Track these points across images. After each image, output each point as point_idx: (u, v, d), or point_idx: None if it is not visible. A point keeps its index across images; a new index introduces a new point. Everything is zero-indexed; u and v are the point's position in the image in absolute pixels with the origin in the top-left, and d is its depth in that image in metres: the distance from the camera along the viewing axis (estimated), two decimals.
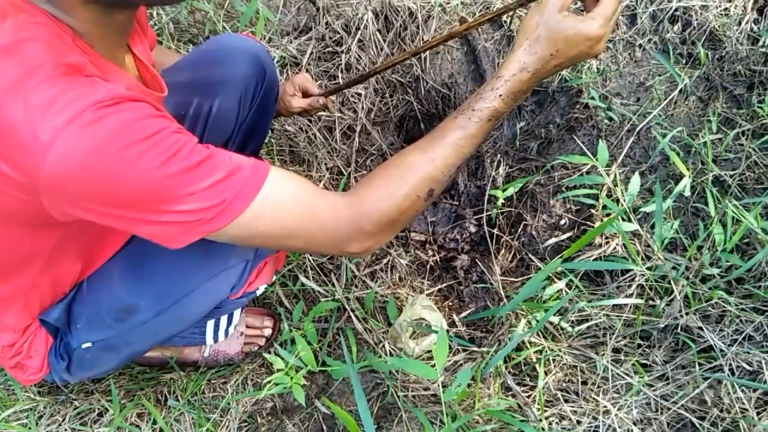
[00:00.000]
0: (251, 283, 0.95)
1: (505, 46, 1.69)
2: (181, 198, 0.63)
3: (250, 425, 1.16)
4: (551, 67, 0.74)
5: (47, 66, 0.58)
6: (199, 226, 0.66)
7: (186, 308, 0.90)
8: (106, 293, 0.88)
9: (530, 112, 1.67)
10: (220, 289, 0.91)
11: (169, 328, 0.95)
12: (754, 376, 1.08)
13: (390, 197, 0.73)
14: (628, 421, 1.07)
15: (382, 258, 1.45)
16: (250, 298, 1.01)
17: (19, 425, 1.14)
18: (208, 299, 0.92)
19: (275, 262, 0.99)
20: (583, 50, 0.73)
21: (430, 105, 1.81)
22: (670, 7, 1.55)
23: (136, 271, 0.87)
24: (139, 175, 0.61)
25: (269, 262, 0.96)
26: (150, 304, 0.88)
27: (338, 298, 1.31)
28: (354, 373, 0.82)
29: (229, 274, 0.89)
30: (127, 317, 0.88)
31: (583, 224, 1.36)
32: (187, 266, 0.86)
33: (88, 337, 0.90)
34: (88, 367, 0.95)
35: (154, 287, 0.87)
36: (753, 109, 1.40)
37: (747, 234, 1.23)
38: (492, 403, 1.10)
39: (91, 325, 0.90)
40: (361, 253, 0.77)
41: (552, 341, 1.20)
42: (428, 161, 0.74)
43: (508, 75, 0.73)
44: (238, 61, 1.07)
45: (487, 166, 1.65)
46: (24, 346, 0.91)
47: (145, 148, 0.61)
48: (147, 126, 0.62)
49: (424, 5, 1.71)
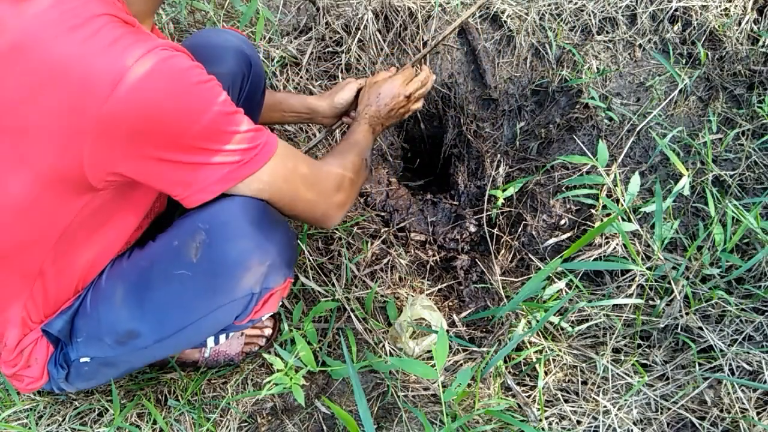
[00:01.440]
0: (257, 312, 0.93)
1: (505, 46, 1.69)
2: (229, 136, 0.73)
3: (250, 425, 1.16)
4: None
5: (105, 17, 0.65)
6: (238, 169, 0.75)
7: (188, 336, 0.90)
8: (107, 314, 0.87)
9: (530, 112, 1.67)
10: (223, 319, 0.89)
11: (170, 351, 0.95)
12: (754, 376, 1.08)
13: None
14: (628, 421, 1.07)
15: (382, 258, 1.45)
16: (254, 323, 1.00)
17: (19, 425, 1.14)
18: (210, 329, 0.91)
19: (282, 292, 0.96)
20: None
21: (430, 105, 1.81)
22: (670, 7, 1.55)
23: (139, 298, 0.86)
24: (202, 110, 0.69)
25: (276, 293, 0.93)
26: (151, 332, 0.87)
27: (338, 298, 1.31)
28: (354, 373, 0.82)
29: (233, 306, 0.87)
30: (127, 341, 0.87)
31: (583, 224, 1.36)
32: (193, 298, 0.85)
33: (87, 352, 0.90)
34: (85, 378, 0.95)
35: (156, 316, 0.86)
36: (753, 109, 1.40)
37: (747, 234, 1.23)
38: (492, 403, 1.10)
39: (90, 342, 0.89)
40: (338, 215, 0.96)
41: (552, 341, 1.20)
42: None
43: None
44: (223, 57, 1.07)
45: (487, 166, 1.65)
46: (23, 355, 0.90)
47: (204, 89, 0.70)
48: (200, 72, 0.71)
49: (424, 5, 1.71)
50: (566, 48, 1.60)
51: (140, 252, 0.89)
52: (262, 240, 0.83)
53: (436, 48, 1.73)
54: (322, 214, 0.93)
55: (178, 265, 0.82)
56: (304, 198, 0.88)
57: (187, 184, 0.74)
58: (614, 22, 1.60)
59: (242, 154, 0.75)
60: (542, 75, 1.64)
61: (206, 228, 0.81)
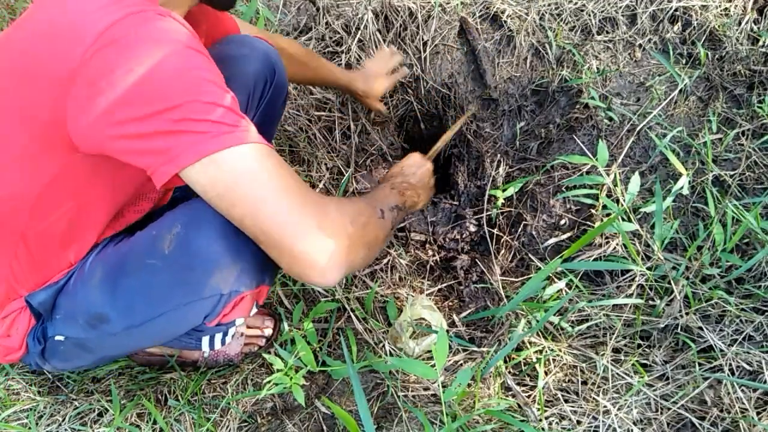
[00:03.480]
0: (226, 315, 0.91)
1: (505, 46, 1.69)
2: (211, 106, 0.68)
3: (250, 425, 1.16)
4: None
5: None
6: (209, 139, 0.68)
7: (156, 328, 0.88)
8: (83, 294, 0.87)
9: (530, 112, 1.67)
10: (191, 317, 0.88)
11: (140, 343, 0.94)
12: (754, 376, 1.08)
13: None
14: (628, 421, 1.07)
15: (382, 258, 1.45)
16: (228, 327, 0.99)
17: (19, 425, 1.14)
18: (179, 325, 0.90)
19: (255, 296, 0.93)
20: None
21: (430, 105, 1.81)
22: (670, 7, 1.55)
23: (112, 283, 0.86)
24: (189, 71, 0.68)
25: (247, 297, 0.89)
26: (120, 318, 0.86)
27: (338, 298, 1.31)
28: (354, 373, 0.82)
29: (202, 305, 0.85)
30: (97, 324, 0.87)
31: (583, 224, 1.36)
32: (161, 289, 0.84)
33: (63, 331, 0.89)
34: (61, 358, 0.94)
35: (125, 303, 0.85)
36: (753, 109, 1.40)
37: (747, 234, 1.23)
38: (492, 403, 1.10)
39: (66, 321, 0.89)
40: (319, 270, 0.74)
41: (552, 341, 1.20)
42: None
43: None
44: (250, 58, 1.08)
45: (487, 166, 1.65)
46: (5, 323, 0.90)
47: (194, 54, 0.69)
48: (196, 41, 0.71)
49: (424, 5, 1.71)
50: (566, 48, 1.60)
51: (126, 239, 0.89)
52: (236, 242, 0.79)
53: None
54: (299, 250, 0.71)
55: (151, 254, 0.82)
56: (272, 210, 0.71)
57: (163, 150, 0.68)
58: (614, 22, 1.60)
59: (217, 126, 0.68)
60: (542, 75, 1.64)
61: (183, 221, 0.80)
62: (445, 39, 1.72)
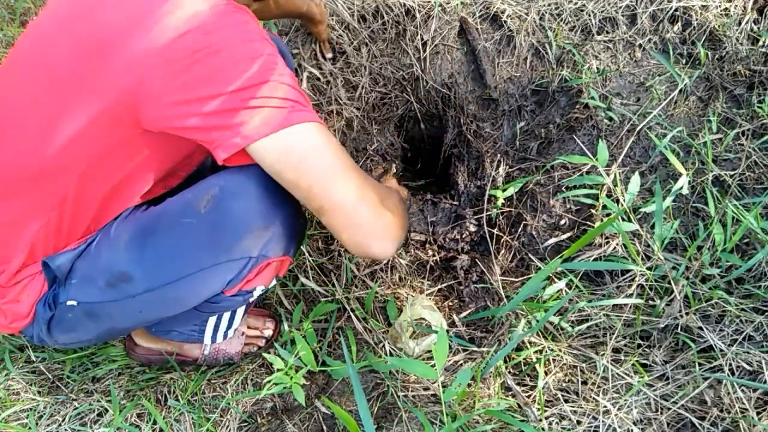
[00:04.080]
0: (249, 281, 0.94)
1: (505, 46, 1.69)
2: (283, 86, 0.76)
3: (250, 425, 1.16)
4: None
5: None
6: (285, 115, 0.76)
7: (177, 292, 0.89)
8: (107, 254, 0.88)
9: (530, 112, 1.67)
10: (216, 279, 0.90)
11: (156, 310, 0.94)
12: (754, 376, 1.08)
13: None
14: (628, 421, 1.07)
15: None
16: (246, 298, 1.00)
17: (19, 425, 1.14)
18: (201, 288, 0.91)
19: (278, 267, 0.97)
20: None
21: (430, 105, 1.81)
22: (670, 7, 1.55)
23: (141, 241, 0.87)
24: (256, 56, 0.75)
25: (272, 264, 0.94)
26: (144, 278, 0.87)
27: (338, 298, 1.31)
28: (354, 373, 0.82)
29: (230, 267, 0.88)
30: (117, 284, 0.88)
31: (583, 224, 1.36)
32: (192, 249, 0.87)
33: (77, 295, 0.90)
34: (65, 328, 0.94)
35: (153, 261, 0.87)
36: (753, 109, 1.40)
37: (747, 234, 1.23)
38: (492, 403, 1.10)
39: (83, 284, 0.89)
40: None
41: (552, 341, 1.20)
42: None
43: None
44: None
45: (487, 166, 1.65)
46: (16, 288, 0.90)
47: (265, 42, 0.77)
48: (264, 32, 0.79)
49: (423, 5, 1.71)
50: (566, 48, 1.60)
51: (157, 206, 0.91)
52: (270, 206, 0.86)
53: (436, 49, 1.73)
54: (365, 222, 0.81)
55: (186, 214, 0.86)
56: (341, 183, 0.79)
57: (230, 127, 0.75)
58: (614, 22, 1.60)
59: (285, 103, 0.76)
60: (542, 75, 1.64)
61: (221, 185, 0.85)
62: (445, 39, 1.72)
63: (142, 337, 1.22)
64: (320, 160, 0.78)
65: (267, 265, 0.93)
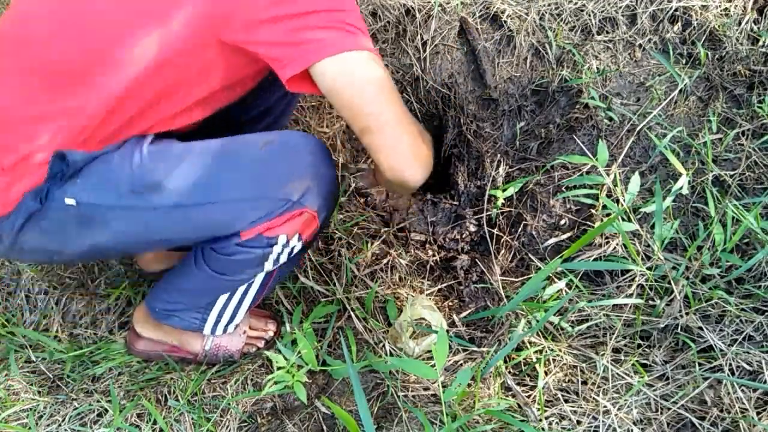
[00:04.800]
0: (273, 227, 0.94)
1: (505, 46, 1.69)
2: (349, 13, 0.87)
3: (250, 425, 1.16)
4: None
5: None
6: (352, 38, 0.85)
7: (199, 217, 0.91)
8: (145, 162, 0.89)
9: (530, 112, 1.67)
10: (241, 216, 0.92)
11: (166, 230, 0.94)
12: (754, 376, 1.08)
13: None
14: (628, 421, 1.07)
15: (382, 258, 1.45)
16: (262, 254, 0.98)
17: (19, 425, 1.14)
18: (224, 221, 0.92)
19: (306, 224, 0.98)
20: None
21: (430, 105, 1.80)
22: (670, 7, 1.55)
23: (188, 159, 0.90)
24: None
25: (303, 216, 0.96)
26: (177, 192, 0.88)
27: (338, 298, 1.31)
28: (354, 373, 0.82)
29: (266, 204, 0.91)
30: (145, 193, 0.88)
31: (583, 224, 1.36)
32: (239, 177, 0.91)
33: (81, 195, 0.88)
34: (43, 229, 0.89)
35: (194, 179, 0.89)
36: (753, 109, 1.40)
37: (747, 234, 1.23)
38: (492, 403, 1.10)
39: (99, 186, 0.88)
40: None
41: (552, 341, 1.20)
42: None
43: None
44: None
45: (487, 166, 1.65)
46: (17, 169, 0.86)
47: None
48: None
49: (423, 5, 1.71)
50: (566, 48, 1.60)
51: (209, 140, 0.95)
52: (318, 163, 0.95)
53: (436, 48, 1.73)
54: (406, 145, 0.91)
55: (243, 147, 0.94)
56: (393, 109, 0.90)
57: (302, 43, 0.83)
58: (614, 22, 1.60)
59: (352, 27, 0.85)
60: (542, 75, 1.64)
61: (280, 135, 0.97)
62: (445, 39, 1.72)
63: (144, 325, 1.21)
64: (376, 84, 0.87)
65: (300, 213, 0.95)
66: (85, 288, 1.38)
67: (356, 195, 1.64)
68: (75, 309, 1.35)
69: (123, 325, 1.33)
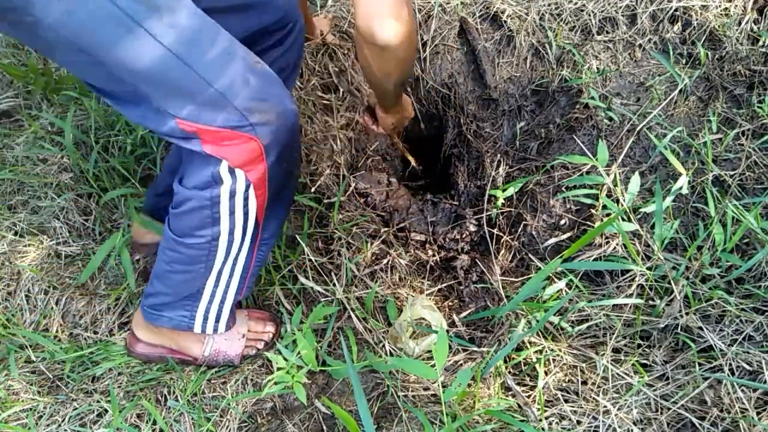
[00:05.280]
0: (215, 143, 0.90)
1: (505, 46, 1.69)
2: None
3: (250, 425, 1.16)
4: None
5: None
6: None
7: (167, 64, 0.84)
8: None
9: (530, 112, 1.67)
10: (202, 95, 0.87)
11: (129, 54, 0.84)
12: (754, 376, 1.08)
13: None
14: (628, 421, 1.07)
15: (382, 258, 1.45)
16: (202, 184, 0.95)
17: (19, 425, 1.14)
18: (183, 84, 0.86)
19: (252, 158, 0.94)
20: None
21: (430, 105, 1.81)
22: (670, 7, 1.55)
23: (198, 20, 0.87)
24: None
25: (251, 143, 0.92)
26: (166, 25, 0.83)
27: (338, 298, 1.31)
28: (354, 374, 0.82)
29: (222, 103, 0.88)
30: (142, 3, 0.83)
31: (583, 224, 1.36)
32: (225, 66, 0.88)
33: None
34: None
35: (189, 34, 0.85)
36: (753, 109, 1.40)
37: (747, 234, 1.23)
38: (492, 403, 1.10)
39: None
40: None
41: (552, 341, 1.20)
42: None
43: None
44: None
45: (487, 166, 1.65)
46: None
47: None
48: None
49: (424, 5, 1.71)
50: (566, 48, 1.60)
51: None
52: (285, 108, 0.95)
53: (436, 48, 1.73)
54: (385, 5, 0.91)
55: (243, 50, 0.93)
56: None
57: None
58: (614, 22, 1.60)
59: None
60: (542, 75, 1.64)
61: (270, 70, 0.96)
62: (445, 39, 1.73)
63: (142, 329, 1.21)
64: None
65: (248, 139, 0.92)
66: (85, 288, 1.38)
67: (356, 195, 1.64)
68: (75, 309, 1.35)
69: (123, 325, 1.33)
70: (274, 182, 1.01)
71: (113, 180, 1.50)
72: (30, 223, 1.45)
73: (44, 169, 1.53)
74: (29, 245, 1.42)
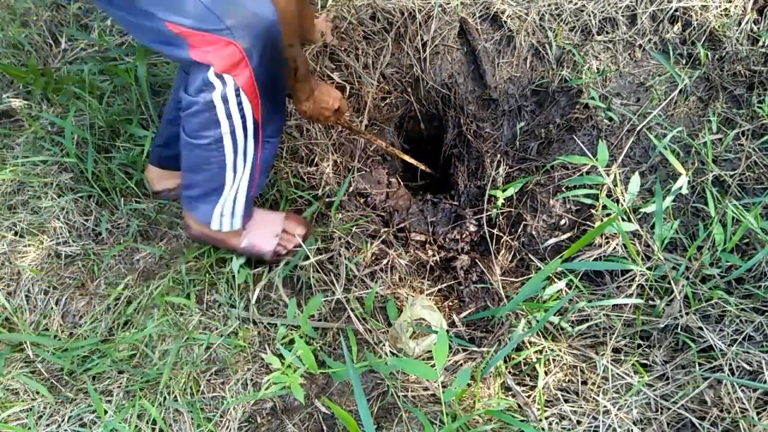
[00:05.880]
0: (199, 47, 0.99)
1: (505, 47, 1.69)
2: None
3: (249, 426, 1.16)
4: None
5: None
6: None
7: None
8: None
9: (530, 113, 1.67)
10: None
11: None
12: (754, 376, 1.08)
13: None
14: (628, 421, 1.07)
15: (382, 258, 1.45)
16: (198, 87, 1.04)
17: (19, 425, 1.14)
18: None
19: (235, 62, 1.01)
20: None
21: (430, 105, 1.81)
22: (670, 7, 1.55)
23: None
24: None
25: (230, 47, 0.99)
26: None
27: (338, 298, 1.31)
28: (354, 374, 0.82)
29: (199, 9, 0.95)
30: None
31: (583, 224, 1.36)
32: None
33: None
34: None
35: None
36: (753, 109, 1.40)
37: (747, 234, 1.23)
38: (492, 403, 1.10)
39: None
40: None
41: (552, 341, 1.20)
42: None
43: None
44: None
45: (487, 166, 1.65)
46: None
47: None
48: None
49: (423, 5, 1.71)
50: (566, 48, 1.60)
51: None
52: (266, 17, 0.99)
53: (435, 49, 1.73)
54: None
55: None
56: None
57: None
58: (614, 22, 1.60)
59: None
60: (542, 75, 1.64)
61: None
62: (445, 39, 1.73)
63: (191, 218, 1.31)
64: None
65: (227, 44, 0.99)
66: (85, 288, 1.38)
67: (356, 195, 1.64)
68: (75, 309, 1.35)
69: (123, 325, 1.33)
70: (263, 84, 1.08)
71: (113, 180, 1.50)
72: (30, 223, 1.45)
73: (44, 169, 1.53)
74: (29, 245, 1.42)
